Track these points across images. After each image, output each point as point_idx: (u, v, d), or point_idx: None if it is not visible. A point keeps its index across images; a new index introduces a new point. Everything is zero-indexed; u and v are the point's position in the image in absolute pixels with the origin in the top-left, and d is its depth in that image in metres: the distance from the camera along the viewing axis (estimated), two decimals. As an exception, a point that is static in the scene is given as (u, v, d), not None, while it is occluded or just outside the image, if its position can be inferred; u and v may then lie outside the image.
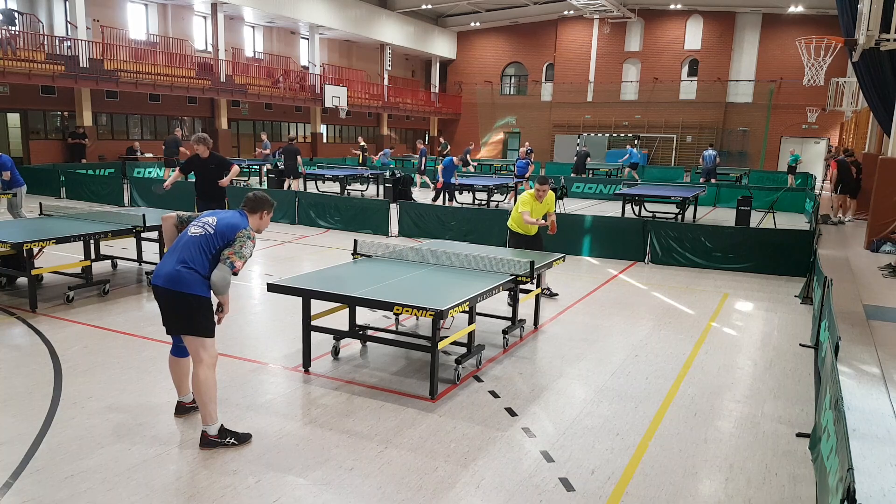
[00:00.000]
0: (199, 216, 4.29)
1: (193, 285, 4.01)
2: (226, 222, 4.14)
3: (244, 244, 4.09)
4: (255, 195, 4.36)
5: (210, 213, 4.26)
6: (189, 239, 4.10)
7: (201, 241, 4.08)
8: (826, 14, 28.81)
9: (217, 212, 4.30)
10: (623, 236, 10.87)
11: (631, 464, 4.02)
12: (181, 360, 4.40)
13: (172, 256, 4.08)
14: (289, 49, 31.47)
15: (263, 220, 4.36)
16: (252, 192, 4.38)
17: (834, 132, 31.40)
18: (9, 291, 7.61)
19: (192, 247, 4.07)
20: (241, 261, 4.07)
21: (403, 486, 3.69)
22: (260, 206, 4.33)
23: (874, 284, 7.84)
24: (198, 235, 4.10)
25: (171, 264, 4.04)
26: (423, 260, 6.37)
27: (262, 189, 17.28)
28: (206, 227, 4.12)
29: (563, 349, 6.19)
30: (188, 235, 4.13)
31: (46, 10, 21.54)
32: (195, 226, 4.17)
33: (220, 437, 4.06)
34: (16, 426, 4.25)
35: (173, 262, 4.04)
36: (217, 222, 4.14)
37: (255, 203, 4.32)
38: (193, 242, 4.08)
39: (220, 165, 8.70)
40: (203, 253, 4.06)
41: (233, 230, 4.11)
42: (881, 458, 3.34)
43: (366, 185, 20.32)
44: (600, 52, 36.19)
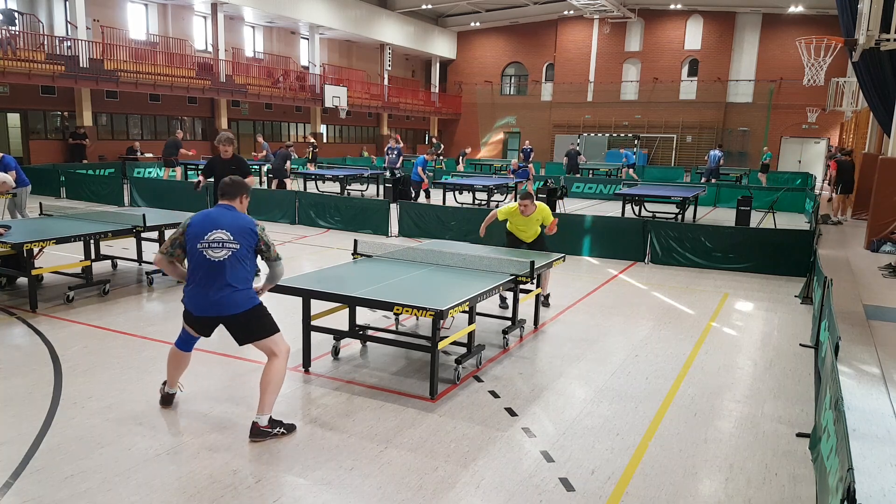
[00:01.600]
0: (200, 236, 4.14)
1: (248, 301, 4.18)
2: (239, 229, 4.16)
3: (269, 238, 4.30)
4: (230, 181, 4.37)
5: (210, 225, 4.16)
6: (219, 262, 4.09)
7: (235, 260, 4.13)
8: (826, 14, 28.81)
9: (214, 220, 4.19)
10: (623, 236, 10.87)
11: (631, 464, 4.02)
12: (185, 354, 4.48)
13: (209, 285, 4.10)
14: (289, 49, 31.47)
15: (245, 203, 4.43)
16: (228, 180, 4.39)
17: (834, 132, 31.40)
18: (9, 291, 7.61)
19: (229, 269, 4.10)
20: (275, 247, 4.38)
21: (403, 486, 3.69)
22: (239, 191, 4.36)
23: (874, 284, 7.84)
24: (227, 258, 4.10)
25: (214, 293, 4.09)
26: (423, 260, 6.36)
27: (262, 189, 17.31)
28: (226, 246, 4.10)
29: (563, 349, 6.19)
30: (214, 261, 4.09)
31: (46, 10, 21.54)
32: (213, 248, 4.10)
33: (271, 427, 4.17)
34: (16, 426, 4.25)
35: (216, 289, 4.09)
36: (232, 234, 4.13)
37: (232, 189, 4.33)
38: (229, 265, 4.10)
39: (239, 169, 8.38)
40: (243, 268, 4.17)
41: (251, 233, 4.18)
42: (881, 458, 3.34)
43: (366, 185, 20.33)
44: (600, 52, 36.19)
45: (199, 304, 4.15)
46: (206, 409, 4.58)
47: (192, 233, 4.17)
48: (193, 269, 4.16)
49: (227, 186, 4.33)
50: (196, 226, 4.19)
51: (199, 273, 4.12)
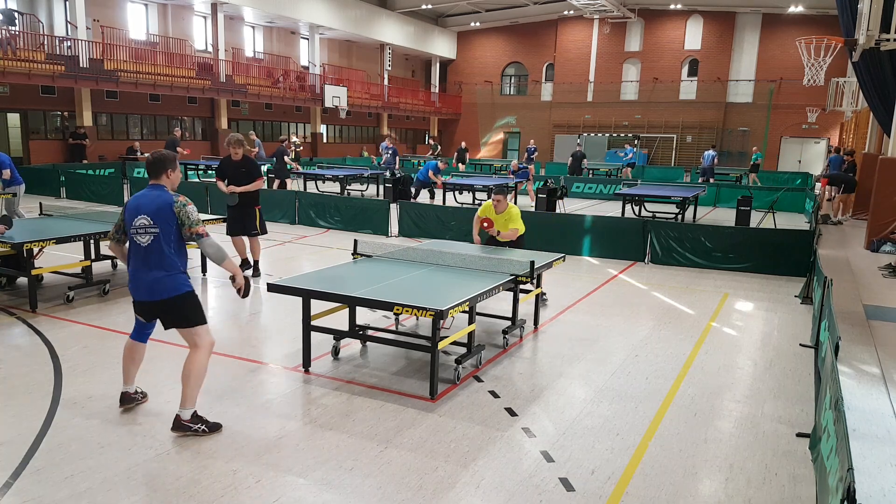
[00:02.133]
0: (130, 222, 4.15)
1: (175, 287, 4.14)
2: (155, 209, 4.07)
3: (187, 213, 4.11)
4: (152, 157, 4.25)
5: (135, 210, 4.13)
6: (146, 248, 4.08)
7: (158, 244, 4.07)
8: (826, 14, 28.81)
9: (138, 204, 4.14)
10: (623, 236, 10.87)
11: (631, 464, 4.02)
12: (140, 345, 4.48)
13: (140, 269, 4.12)
14: (289, 49, 31.47)
15: (173, 177, 4.27)
16: (150, 156, 4.28)
17: (834, 132, 31.40)
18: (9, 291, 7.61)
19: (156, 253, 4.08)
20: (199, 226, 4.14)
21: (403, 486, 3.69)
22: (162, 167, 4.21)
23: (874, 284, 7.84)
24: (150, 243, 4.08)
25: (144, 277, 4.11)
26: (423, 260, 6.36)
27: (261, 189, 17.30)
28: (149, 231, 4.07)
29: (563, 349, 6.19)
30: (141, 246, 4.09)
31: (46, 10, 21.54)
32: (139, 234, 4.09)
33: (192, 423, 4.15)
34: (16, 426, 4.25)
35: (145, 273, 4.10)
36: (152, 218, 4.07)
37: (154, 166, 4.20)
38: (154, 249, 4.07)
39: (248, 172, 8.40)
40: (170, 251, 4.10)
41: (169, 212, 4.07)
42: (881, 458, 3.34)
43: (366, 186, 20.33)
44: (600, 52, 36.19)
45: (134, 287, 4.19)
46: (206, 409, 4.58)
47: (126, 219, 4.20)
48: (130, 254, 4.21)
49: (149, 164, 4.23)
50: (127, 211, 4.19)
51: (133, 258, 4.17)
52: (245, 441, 4.15)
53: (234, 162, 8.35)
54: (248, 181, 8.36)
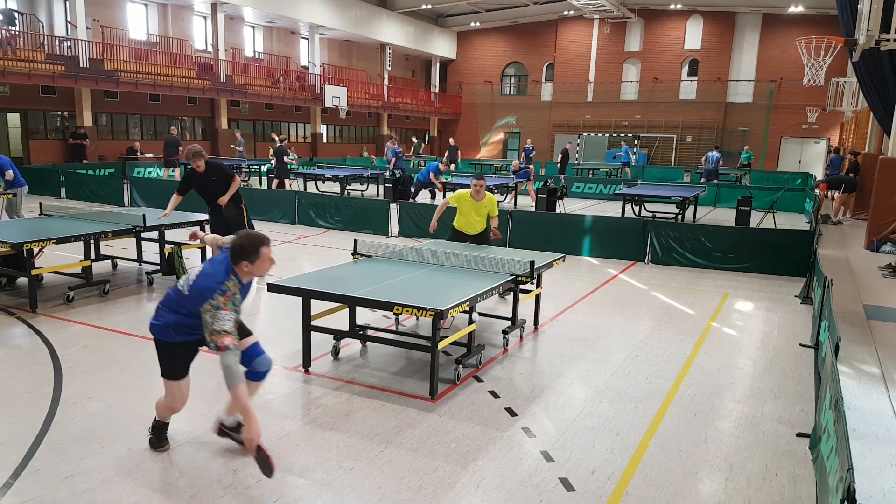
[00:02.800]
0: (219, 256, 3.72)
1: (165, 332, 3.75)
2: (198, 287, 3.56)
3: (215, 317, 3.42)
4: (241, 238, 3.58)
5: (205, 264, 3.74)
6: (176, 288, 3.73)
7: (177, 299, 3.68)
8: (826, 14, 28.80)
9: (207, 263, 3.72)
10: (623, 236, 10.87)
11: (631, 464, 4.02)
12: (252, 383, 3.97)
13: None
14: (289, 49, 31.46)
15: (250, 269, 3.57)
16: (242, 234, 3.63)
17: (834, 132, 31.39)
18: (9, 291, 7.61)
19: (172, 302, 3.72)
20: (221, 336, 3.38)
21: (403, 486, 3.69)
22: (239, 254, 3.55)
23: (874, 284, 7.84)
24: (179, 292, 3.68)
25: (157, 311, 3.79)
26: (423, 260, 6.36)
27: (262, 189, 17.30)
28: (184, 285, 3.66)
29: (563, 349, 6.19)
30: (176, 286, 3.74)
31: (46, 10, 21.53)
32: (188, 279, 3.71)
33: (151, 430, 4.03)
34: (16, 426, 4.25)
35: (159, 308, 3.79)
36: (193, 283, 3.61)
37: (245, 252, 3.54)
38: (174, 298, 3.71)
39: (220, 177, 8.03)
40: (176, 312, 3.70)
41: (200, 299, 3.50)
42: (881, 458, 3.34)
43: (366, 186, 20.33)
44: (600, 52, 36.18)
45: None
46: (206, 409, 4.58)
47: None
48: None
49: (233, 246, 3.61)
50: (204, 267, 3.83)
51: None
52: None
53: (201, 174, 7.93)
54: (224, 186, 8.01)
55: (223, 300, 3.46)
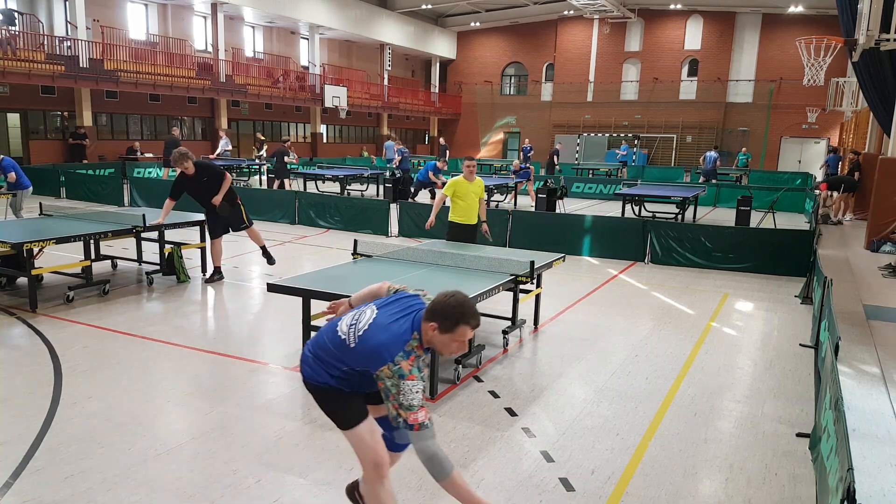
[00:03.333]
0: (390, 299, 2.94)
1: (319, 375, 2.91)
2: (372, 344, 2.69)
3: (399, 389, 2.57)
4: (449, 299, 2.69)
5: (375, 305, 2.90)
6: (334, 331, 2.89)
7: (336, 351, 2.84)
8: (826, 14, 28.80)
9: (381, 311, 2.83)
10: (623, 236, 10.87)
11: (631, 464, 4.02)
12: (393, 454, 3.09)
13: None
14: (289, 49, 31.46)
15: (434, 338, 2.70)
16: (448, 297, 2.70)
17: (834, 132, 31.39)
18: (9, 291, 7.61)
19: (328, 352, 2.88)
20: (413, 412, 2.55)
21: (403, 486, 3.69)
22: (435, 314, 2.69)
23: (874, 284, 7.84)
24: (341, 336, 2.83)
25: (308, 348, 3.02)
26: (423, 260, 6.36)
27: (262, 189, 17.28)
28: (350, 332, 2.80)
29: (563, 349, 6.19)
30: (335, 324, 2.93)
31: (46, 10, 21.53)
32: (351, 316, 2.88)
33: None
34: (16, 426, 4.25)
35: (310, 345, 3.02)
36: (361, 336, 2.74)
37: (442, 314, 2.67)
38: (332, 341, 2.88)
39: (212, 177, 7.94)
40: (332, 359, 2.85)
41: (375, 360, 2.65)
42: (881, 458, 3.34)
43: (366, 185, 20.33)
44: (600, 52, 36.18)
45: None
46: (206, 408, 4.58)
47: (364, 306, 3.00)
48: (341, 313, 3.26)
49: (435, 306, 2.72)
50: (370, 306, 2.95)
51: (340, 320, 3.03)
52: (245, 441, 4.15)
53: (191, 176, 7.88)
54: (216, 186, 7.94)
55: (407, 366, 2.62)
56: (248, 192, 14.89)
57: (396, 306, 2.84)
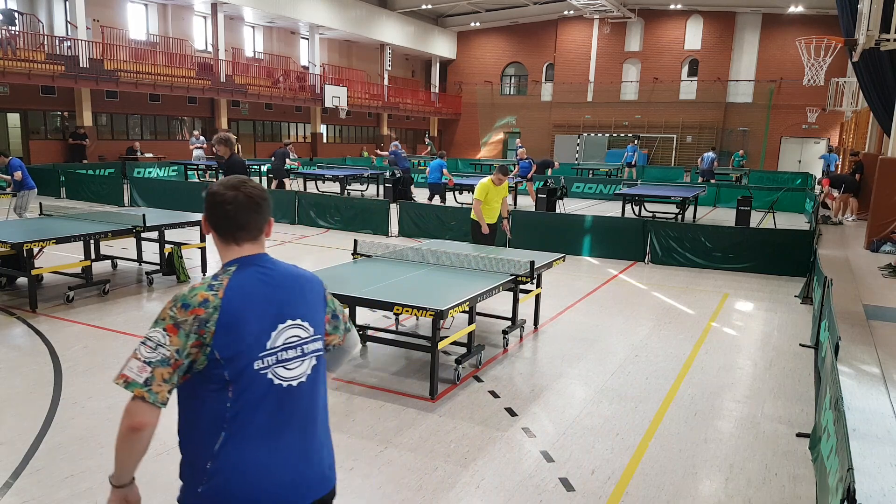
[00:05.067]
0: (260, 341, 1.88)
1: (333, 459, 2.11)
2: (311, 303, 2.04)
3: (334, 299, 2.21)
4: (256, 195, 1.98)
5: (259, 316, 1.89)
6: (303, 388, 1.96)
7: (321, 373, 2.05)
8: (826, 14, 28.80)
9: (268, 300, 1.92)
10: (623, 236, 10.87)
11: (631, 464, 4.02)
12: None
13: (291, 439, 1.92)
14: (289, 49, 31.46)
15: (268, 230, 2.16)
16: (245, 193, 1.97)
17: (834, 132, 31.39)
18: (9, 291, 7.61)
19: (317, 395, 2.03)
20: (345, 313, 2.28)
21: (403, 486, 3.69)
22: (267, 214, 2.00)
23: (874, 284, 7.84)
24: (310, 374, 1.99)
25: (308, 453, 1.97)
26: (423, 260, 6.36)
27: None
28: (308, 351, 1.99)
29: (563, 349, 6.19)
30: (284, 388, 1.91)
31: (46, 10, 21.53)
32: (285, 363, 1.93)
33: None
34: (16, 426, 4.25)
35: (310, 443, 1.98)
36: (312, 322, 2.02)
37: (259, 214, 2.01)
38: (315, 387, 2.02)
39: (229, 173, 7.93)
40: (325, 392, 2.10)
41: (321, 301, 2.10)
42: (881, 458, 3.34)
43: (366, 185, 20.33)
44: (600, 52, 36.18)
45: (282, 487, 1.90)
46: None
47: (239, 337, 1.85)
48: (245, 418, 1.87)
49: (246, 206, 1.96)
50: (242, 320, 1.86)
51: (264, 419, 1.89)
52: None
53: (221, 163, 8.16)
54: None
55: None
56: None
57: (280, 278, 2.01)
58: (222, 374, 1.84)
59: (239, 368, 1.84)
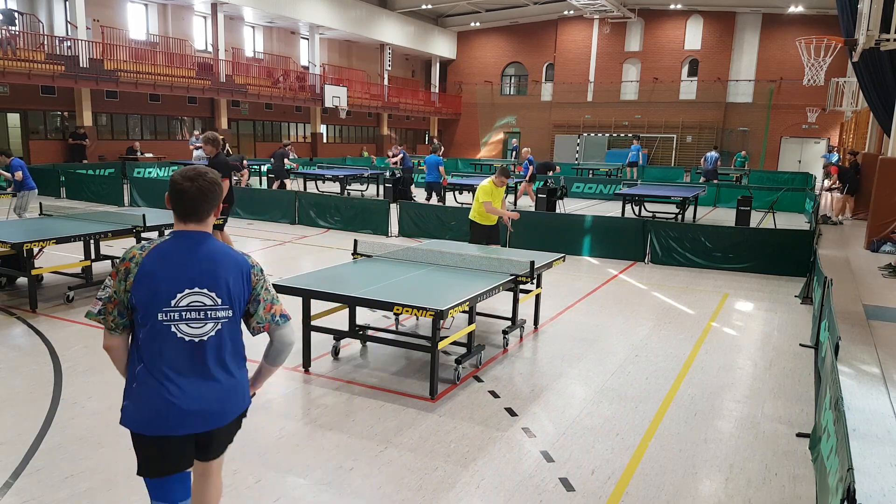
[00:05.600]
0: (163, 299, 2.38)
1: (246, 394, 2.66)
2: (224, 278, 2.47)
3: (267, 286, 2.65)
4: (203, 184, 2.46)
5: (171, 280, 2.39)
6: (203, 343, 2.44)
7: (230, 335, 2.53)
8: (826, 14, 28.81)
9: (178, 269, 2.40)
10: (623, 236, 10.87)
11: (631, 464, 4.02)
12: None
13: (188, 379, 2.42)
14: (289, 49, 31.47)
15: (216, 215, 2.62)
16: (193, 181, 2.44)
17: (834, 132, 31.40)
18: (9, 291, 7.61)
19: (223, 350, 2.50)
20: (280, 304, 2.70)
21: (403, 486, 3.69)
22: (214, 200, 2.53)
23: (874, 284, 7.84)
24: (214, 334, 2.46)
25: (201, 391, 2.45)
26: (423, 260, 6.36)
27: (261, 189, 17.29)
28: (212, 316, 2.45)
29: (563, 349, 6.19)
30: (186, 341, 2.41)
31: (46, 10, 21.53)
32: (188, 321, 2.41)
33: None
34: (16, 426, 4.25)
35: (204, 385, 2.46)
36: (218, 292, 2.45)
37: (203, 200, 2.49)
38: (219, 344, 2.48)
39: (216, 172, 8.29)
40: (240, 343, 2.60)
41: (247, 282, 2.54)
42: (881, 458, 3.34)
43: (366, 186, 20.34)
44: (600, 52, 36.19)
45: (169, 413, 2.39)
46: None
47: (147, 290, 2.36)
48: (146, 355, 2.41)
49: (193, 195, 2.44)
50: (148, 279, 2.36)
51: (162, 362, 2.41)
52: (245, 441, 4.15)
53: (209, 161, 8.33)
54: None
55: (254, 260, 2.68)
56: (249, 192, 14.89)
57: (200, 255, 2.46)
58: (137, 317, 2.42)
59: (146, 315, 2.39)
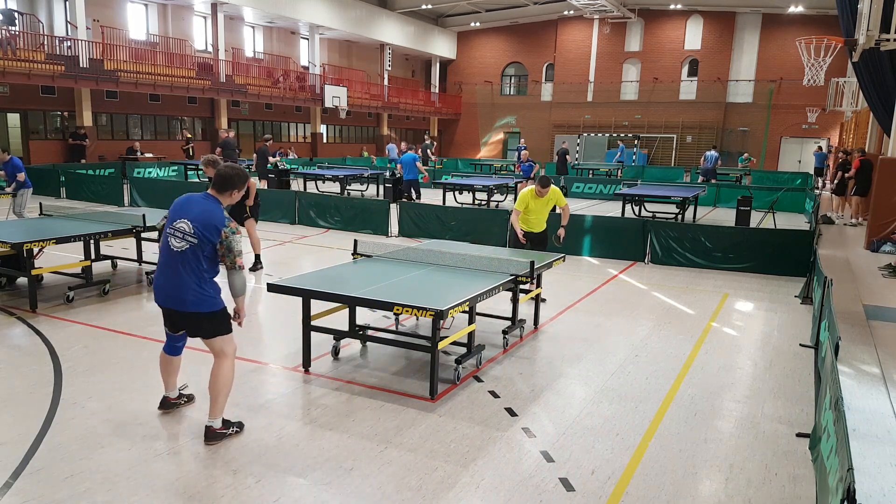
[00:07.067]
0: (171, 221, 4.05)
1: (205, 303, 4.03)
2: (203, 223, 3.94)
3: (231, 243, 3.98)
4: (228, 171, 4.09)
5: (180, 212, 4.03)
6: (178, 254, 3.97)
7: (193, 255, 3.96)
8: (826, 14, 28.80)
9: (185, 207, 4.04)
10: (623, 236, 10.87)
11: (631, 464, 4.02)
12: (174, 358, 4.43)
13: (168, 275, 4.01)
14: (289, 49, 31.47)
15: (233, 197, 4.15)
16: (224, 168, 4.13)
17: (834, 132, 31.39)
18: (9, 291, 7.61)
19: (186, 262, 3.95)
20: (240, 257, 4.04)
21: (403, 486, 3.69)
22: (231, 184, 4.09)
23: (874, 284, 7.84)
24: (185, 249, 3.95)
25: (173, 284, 3.99)
26: (423, 260, 6.36)
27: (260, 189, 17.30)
28: (186, 238, 3.94)
29: (563, 349, 6.19)
30: (174, 250, 3.98)
31: (46, 10, 21.54)
32: (175, 237, 3.98)
33: (225, 428, 4.16)
34: (16, 426, 4.25)
35: (174, 281, 3.98)
36: (195, 227, 3.93)
37: (225, 182, 4.07)
38: (188, 258, 3.95)
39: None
40: (201, 266, 3.98)
41: (215, 231, 3.95)
42: (881, 458, 3.34)
43: (366, 185, 20.34)
44: (600, 52, 36.19)
45: (160, 289, 4.08)
46: (206, 409, 4.57)
47: (170, 215, 4.09)
48: (160, 254, 4.10)
49: (221, 177, 4.07)
50: (173, 209, 4.10)
51: (162, 259, 4.07)
52: (245, 441, 4.15)
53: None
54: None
55: (234, 225, 4.03)
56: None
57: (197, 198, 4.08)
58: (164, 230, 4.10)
59: (164, 231, 4.08)
